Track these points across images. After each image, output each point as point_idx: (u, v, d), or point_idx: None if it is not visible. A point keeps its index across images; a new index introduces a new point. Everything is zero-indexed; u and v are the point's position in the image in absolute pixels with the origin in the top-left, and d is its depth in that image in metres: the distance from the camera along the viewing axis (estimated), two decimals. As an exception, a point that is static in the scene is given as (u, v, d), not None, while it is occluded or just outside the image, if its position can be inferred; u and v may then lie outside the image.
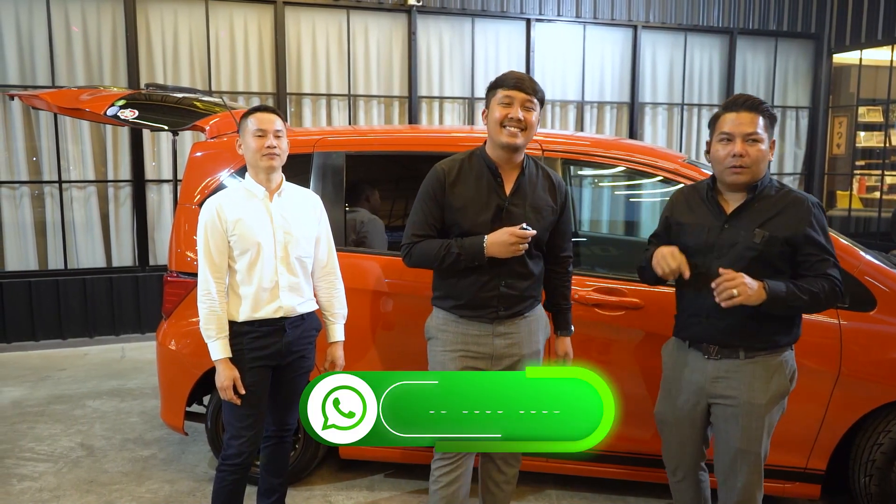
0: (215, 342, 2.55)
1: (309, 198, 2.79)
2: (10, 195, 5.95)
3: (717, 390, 2.38)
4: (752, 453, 2.36)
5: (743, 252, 2.30)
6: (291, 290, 2.64)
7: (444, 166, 2.54)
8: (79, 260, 6.14)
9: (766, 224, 2.30)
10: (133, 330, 6.17)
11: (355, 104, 6.87)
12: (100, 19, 6.01)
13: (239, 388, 2.55)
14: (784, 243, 2.28)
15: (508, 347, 2.53)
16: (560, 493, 3.40)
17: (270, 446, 2.83)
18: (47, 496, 3.34)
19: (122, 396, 4.71)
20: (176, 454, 3.81)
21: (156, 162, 6.32)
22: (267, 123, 2.58)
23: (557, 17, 7.33)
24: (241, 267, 2.58)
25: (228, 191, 2.66)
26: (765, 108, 2.33)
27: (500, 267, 2.46)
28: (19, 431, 4.10)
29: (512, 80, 2.45)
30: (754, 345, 2.33)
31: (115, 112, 3.50)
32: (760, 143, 2.29)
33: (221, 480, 2.64)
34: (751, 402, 2.32)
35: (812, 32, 8.28)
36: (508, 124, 2.42)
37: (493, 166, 2.51)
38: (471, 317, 2.52)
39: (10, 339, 5.87)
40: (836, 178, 8.55)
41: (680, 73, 7.92)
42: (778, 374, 2.35)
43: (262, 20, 6.48)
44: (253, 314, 2.58)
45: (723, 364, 2.37)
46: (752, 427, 2.34)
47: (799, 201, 2.32)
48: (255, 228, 2.57)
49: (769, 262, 2.29)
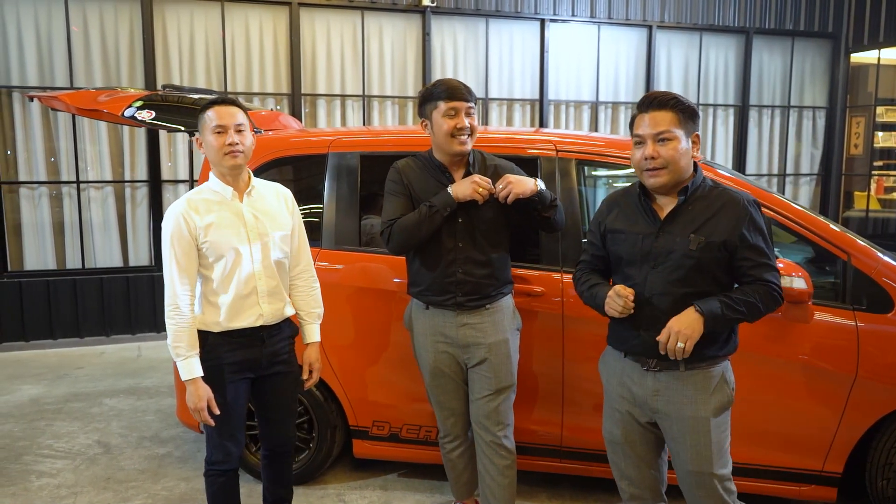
0: (185, 360, 2.33)
1: (280, 192, 2.59)
2: (30, 195, 6.02)
3: (658, 405, 2.24)
4: (704, 474, 2.19)
5: (680, 261, 2.16)
6: (271, 296, 2.47)
7: (400, 163, 2.76)
8: (96, 259, 6.21)
9: (702, 228, 2.16)
10: (149, 329, 6.23)
11: (369, 105, 6.89)
12: (117, 21, 6.07)
13: (213, 409, 2.36)
14: (720, 248, 2.14)
15: (474, 336, 2.69)
16: (575, 493, 3.39)
17: (270, 464, 2.69)
18: (65, 493, 3.38)
19: (138, 395, 4.75)
20: (191, 452, 3.84)
21: (172, 162, 6.37)
22: (227, 118, 2.36)
23: (572, 17, 7.31)
24: (215, 275, 2.39)
25: (192, 194, 2.44)
26: (676, 102, 2.18)
27: (459, 254, 2.64)
28: (38, 429, 4.15)
29: (449, 90, 2.60)
30: (693, 356, 2.16)
31: (133, 113, 3.54)
32: (673, 141, 2.15)
33: (212, 484, 2.53)
34: (695, 415, 2.18)
35: (829, 32, 8.21)
36: (458, 134, 2.60)
37: (440, 165, 2.71)
38: (435, 303, 2.71)
39: (29, 338, 5.95)
40: (854, 178, 8.47)
41: (695, 73, 7.88)
42: (720, 385, 2.21)
43: (277, 21, 6.52)
44: (230, 324, 2.40)
45: (662, 376, 2.22)
46: (699, 444, 2.18)
47: (734, 201, 2.18)
48: (229, 233, 2.39)
49: (707, 270, 2.16)
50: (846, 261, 2.88)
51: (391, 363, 3.22)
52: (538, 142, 3.26)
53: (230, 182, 2.44)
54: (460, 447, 2.90)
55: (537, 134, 3.46)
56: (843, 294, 2.90)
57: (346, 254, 3.24)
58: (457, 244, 2.65)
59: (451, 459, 2.93)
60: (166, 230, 2.37)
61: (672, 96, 2.20)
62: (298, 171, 3.40)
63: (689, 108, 2.21)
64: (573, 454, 3.18)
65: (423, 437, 3.29)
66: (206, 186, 2.47)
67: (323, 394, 3.27)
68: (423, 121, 2.69)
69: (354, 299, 3.20)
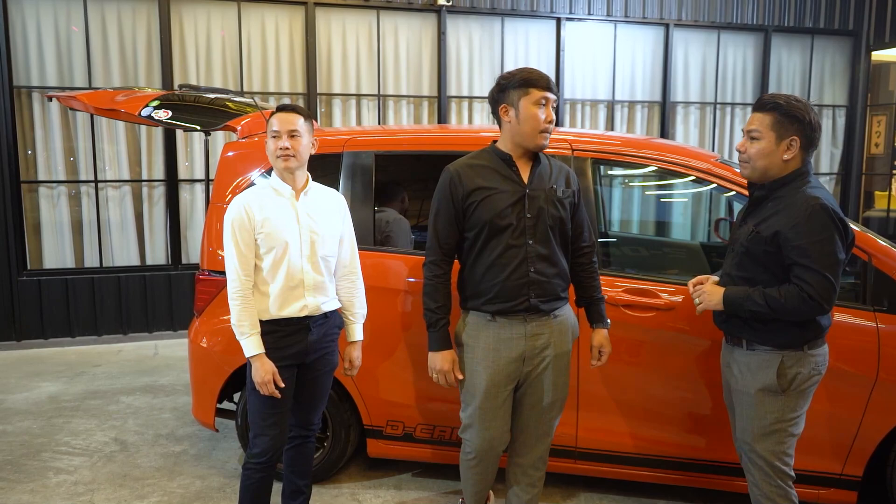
0: (249, 339, 2.53)
1: (334, 197, 2.78)
2: (49, 195, 6.09)
3: (728, 375, 2.55)
4: (745, 443, 2.47)
5: (738, 248, 2.43)
6: (316, 289, 2.63)
7: (453, 166, 2.59)
8: (114, 258, 6.26)
9: (763, 222, 2.36)
10: (166, 327, 6.28)
11: (385, 104, 6.89)
12: (135, 21, 6.11)
13: (279, 382, 2.53)
14: (768, 242, 2.32)
15: (540, 349, 2.57)
16: (589, 494, 3.37)
17: (294, 447, 2.82)
18: (82, 489, 3.40)
19: (154, 393, 4.79)
20: (207, 450, 3.86)
21: (188, 162, 6.41)
22: (283, 124, 2.56)
23: (588, 15, 7.27)
24: (266, 265, 2.57)
25: (255, 189, 2.65)
26: (775, 106, 2.34)
27: (530, 252, 2.50)
28: (56, 426, 4.19)
29: (544, 80, 2.49)
30: (754, 337, 2.41)
31: (150, 112, 3.55)
32: (760, 140, 2.36)
33: (248, 479, 2.65)
34: (744, 389, 2.45)
35: (850, 29, 8.10)
36: (545, 129, 2.50)
37: (507, 158, 2.56)
38: (504, 312, 2.52)
39: (48, 336, 6.02)
40: (875, 178, 8.35)
41: (713, 71, 7.81)
42: (770, 369, 2.37)
43: (293, 21, 6.54)
44: (278, 312, 2.58)
45: (733, 351, 2.51)
46: (744, 415, 2.46)
47: (799, 202, 2.29)
48: (282, 227, 2.56)
49: (757, 261, 2.36)
50: (867, 261, 2.84)
51: (406, 363, 3.22)
52: (553, 140, 3.23)
53: (289, 181, 2.63)
54: (485, 469, 2.72)
55: (553, 133, 3.43)
56: (863, 295, 2.86)
57: (361, 252, 3.23)
58: (526, 241, 2.50)
59: (474, 476, 2.74)
60: (228, 220, 2.56)
61: (776, 100, 2.36)
62: (313, 171, 3.39)
63: (790, 112, 2.33)
64: (588, 455, 3.16)
65: (438, 437, 3.28)
66: (268, 183, 2.65)
67: (337, 393, 3.27)
68: (503, 106, 2.52)
69: (369, 298, 3.19)
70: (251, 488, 2.65)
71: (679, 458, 3.09)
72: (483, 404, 2.58)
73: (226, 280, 2.60)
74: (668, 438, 3.08)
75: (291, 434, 2.80)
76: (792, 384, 2.36)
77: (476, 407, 2.59)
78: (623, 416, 3.10)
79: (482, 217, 2.50)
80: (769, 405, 2.39)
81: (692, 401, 3.03)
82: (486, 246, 2.52)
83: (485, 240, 2.52)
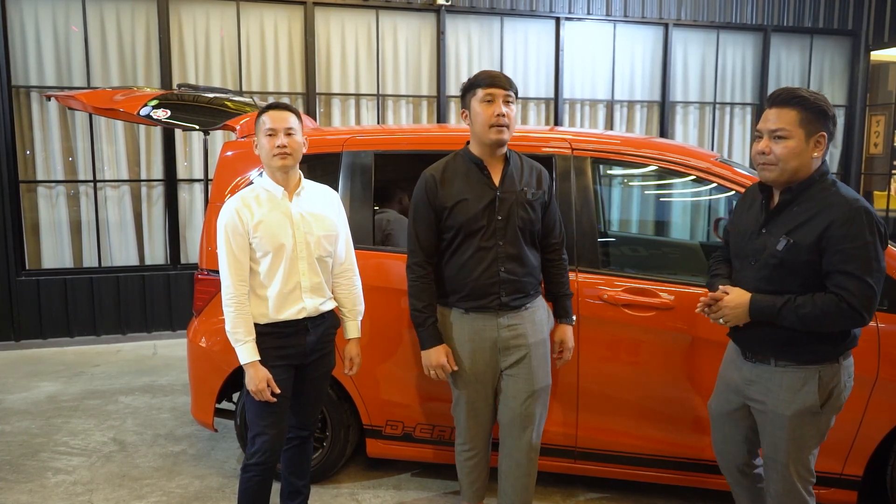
0: (244, 346, 2.50)
1: (328, 194, 2.75)
2: (47, 194, 6.07)
3: (750, 393, 2.35)
4: (778, 462, 2.28)
5: (767, 259, 2.21)
6: (314, 291, 2.61)
7: (430, 171, 2.69)
8: (112, 258, 6.25)
9: (796, 229, 2.16)
10: (165, 327, 6.27)
11: (384, 104, 6.88)
12: (134, 21, 6.10)
13: (274, 388, 2.52)
14: (809, 251, 2.13)
15: (515, 339, 2.65)
16: (589, 495, 3.36)
17: (292, 448, 2.82)
18: (80, 489, 3.40)
19: (153, 393, 4.78)
20: (205, 450, 3.85)
21: (188, 162, 6.40)
22: (278, 121, 2.52)
23: (587, 15, 7.27)
24: (262, 269, 2.54)
25: (247, 191, 2.60)
26: (800, 101, 2.15)
27: (500, 252, 2.60)
28: (54, 426, 4.18)
29: (488, 77, 2.58)
30: (784, 354, 2.24)
31: (148, 112, 3.55)
32: (788, 140, 2.15)
33: (247, 481, 2.63)
34: (775, 410, 2.26)
35: (849, 29, 8.10)
36: (496, 122, 2.55)
37: (479, 162, 2.64)
38: (476, 308, 2.64)
39: (47, 336, 6.00)
40: (874, 178, 8.35)
41: (712, 71, 7.80)
42: (809, 387, 2.20)
43: (292, 20, 6.53)
44: (276, 316, 2.55)
45: (756, 368, 2.32)
46: (776, 435, 2.28)
47: (838, 205, 2.11)
48: (277, 229, 2.52)
49: (794, 272, 2.16)
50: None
51: (405, 362, 3.21)
52: (553, 140, 3.23)
53: (281, 182, 2.58)
54: (477, 456, 2.83)
55: (552, 132, 3.43)
56: (863, 294, 2.84)
57: (360, 252, 3.22)
58: (497, 242, 2.61)
59: (468, 467, 2.85)
60: (221, 226, 2.52)
61: (798, 95, 2.16)
62: (313, 170, 3.39)
63: (817, 107, 2.15)
64: (587, 455, 3.16)
65: (437, 437, 3.28)
66: (259, 185, 2.61)
67: (336, 393, 3.27)
68: (463, 111, 2.66)
69: (368, 298, 3.18)
70: (250, 489, 2.64)
71: (679, 458, 3.08)
72: (468, 395, 2.71)
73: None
74: (667, 438, 3.07)
75: (290, 435, 2.80)
76: (829, 399, 2.22)
77: (460, 393, 2.74)
78: (623, 416, 3.10)
79: (457, 221, 2.61)
80: (809, 426, 2.23)
81: (692, 400, 3.02)
82: (459, 247, 2.64)
83: (459, 242, 2.64)
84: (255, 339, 2.54)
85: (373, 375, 3.23)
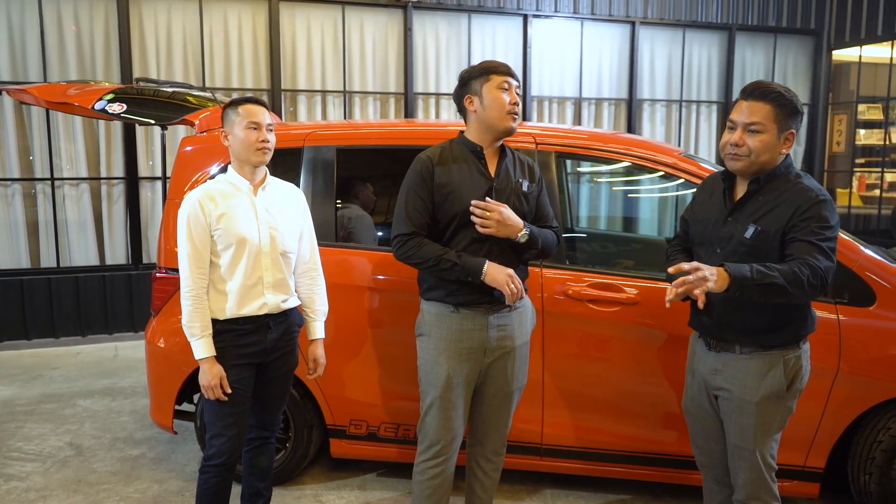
0: (199, 340, 2.45)
1: (293, 192, 2.71)
2: (3, 193, 5.90)
3: (716, 382, 2.35)
4: (745, 449, 2.30)
5: (736, 247, 2.25)
6: (276, 287, 2.57)
7: (428, 153, 2.56)
8: (71, 258, 6.09)
9: (763, 218, 2.21)
10: (126, 329, 6.12)
11: (351, 101, 6.81)
12: (92, 15, 5.95)
13: (225, 387, 2.47)
14: (775, 237, 2.18)
15: (501, 340, 2.56)
16: (556, 492, 3.35)
17: (253, 449, 2.75)
18: (34, 496, 3.29)
19: (113, 395, 4.66)
20: (165, 453, 3.76)
21: (151, 160, 6.27)
22: (259, 116, 2.50)
23: (555, 12, 7.28)
24: (224, 262, 2.49)
25: (210, 184, 2.56)
26: (776, 97, 2.19)
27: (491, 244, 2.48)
28: (7, 431, 4.05)
29: (504, 66, 2.53)
30: (748, 340, 2.26)
31: (103, 106, 3.46)
32: (762, 133, 2.19)
33: (205, 482, 2.56)
34: (742, 398, 2.27)
35: (811, 28, 8.23)
36: (511, 109, 2.49)
37: (477, 149, 2.55)
38: (466, 304, 2.50)
39: (2, 339, 5.82)
40: (836, 175, 8.49)
41: (678, 69, 7.86)
42: (773, 373, 2.24)
43: (257, 16, 6.42)
44: (237, 311, 2.50)
45: (721, 357, 2.33)
46: (743, 422, 2.29)
47: (800, 192, 2.18)
48: (241, 223, 2.48)
49: (764, 258, 2.16)
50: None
51: (369, 361, 3.16)
52: (517, 134, 3.20)
53: (248, 176, 2.55)
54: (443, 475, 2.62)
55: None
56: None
57: (323, 249, 3.16)
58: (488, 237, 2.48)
59: (431, 487, 2.61)
60: (182, 216, 2.46)
61: (775, 90, 2.21)
62: (273, 166, 3.33)
63: (791, 104, 2.21)
64: (553, 451, 3.14)
65: (402, 436, 3.23)
66: (223, 178, 2.57)
67: (299, 392, 3.21)
68: (467, 97, 2.53)
69: (331, 295, 3.12)
70: (208, 492, 2.57)
71: (646, 454, 3.08)
72: (443, 394, 2.54)
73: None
74: (634, 433, 3.07)
75: (251, 435, 2.73)
76: (793, 383, 2.27)
77: (436, 396, 2.55)
78: (588, 412, 3.08)
79: (452, 209, 2.49)
80: (774, 411, 2.28)
81: (658, 395, 3.02)
82: (452, 238, 2.51)
83: (452, 232, 2.51)
84: (214, 336, 2.48)
85: (336, 374, 3.17)
